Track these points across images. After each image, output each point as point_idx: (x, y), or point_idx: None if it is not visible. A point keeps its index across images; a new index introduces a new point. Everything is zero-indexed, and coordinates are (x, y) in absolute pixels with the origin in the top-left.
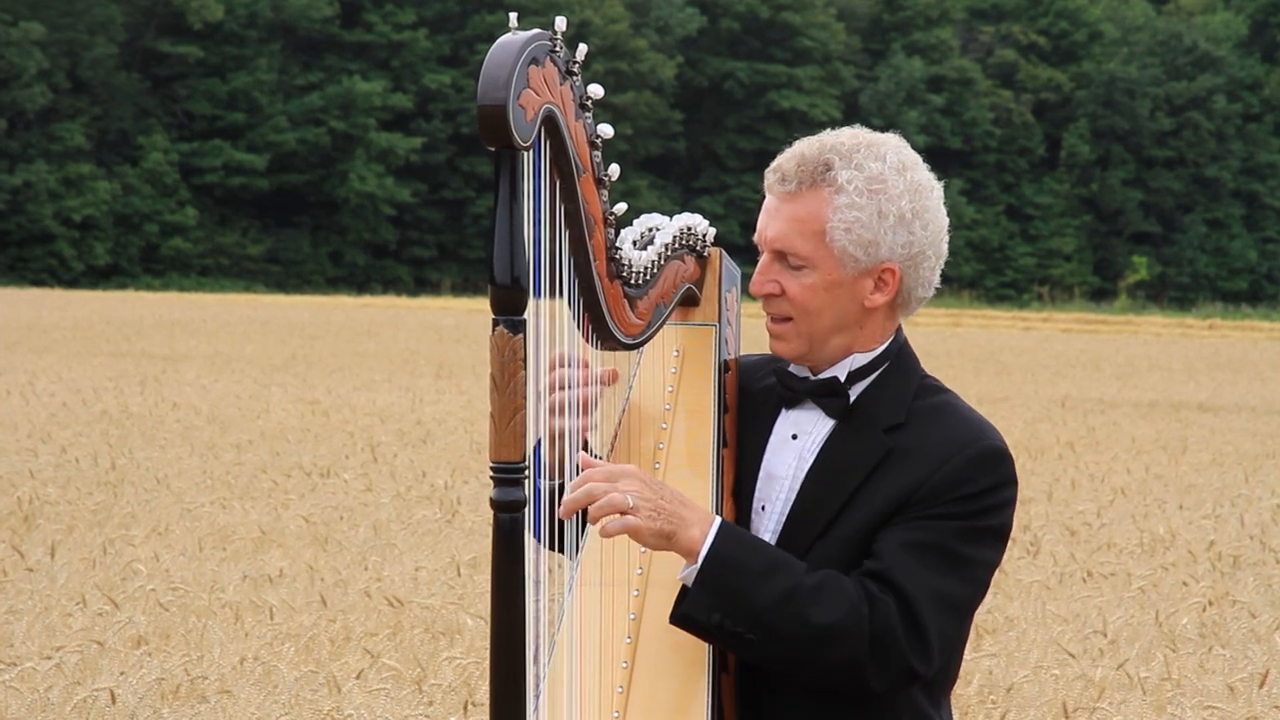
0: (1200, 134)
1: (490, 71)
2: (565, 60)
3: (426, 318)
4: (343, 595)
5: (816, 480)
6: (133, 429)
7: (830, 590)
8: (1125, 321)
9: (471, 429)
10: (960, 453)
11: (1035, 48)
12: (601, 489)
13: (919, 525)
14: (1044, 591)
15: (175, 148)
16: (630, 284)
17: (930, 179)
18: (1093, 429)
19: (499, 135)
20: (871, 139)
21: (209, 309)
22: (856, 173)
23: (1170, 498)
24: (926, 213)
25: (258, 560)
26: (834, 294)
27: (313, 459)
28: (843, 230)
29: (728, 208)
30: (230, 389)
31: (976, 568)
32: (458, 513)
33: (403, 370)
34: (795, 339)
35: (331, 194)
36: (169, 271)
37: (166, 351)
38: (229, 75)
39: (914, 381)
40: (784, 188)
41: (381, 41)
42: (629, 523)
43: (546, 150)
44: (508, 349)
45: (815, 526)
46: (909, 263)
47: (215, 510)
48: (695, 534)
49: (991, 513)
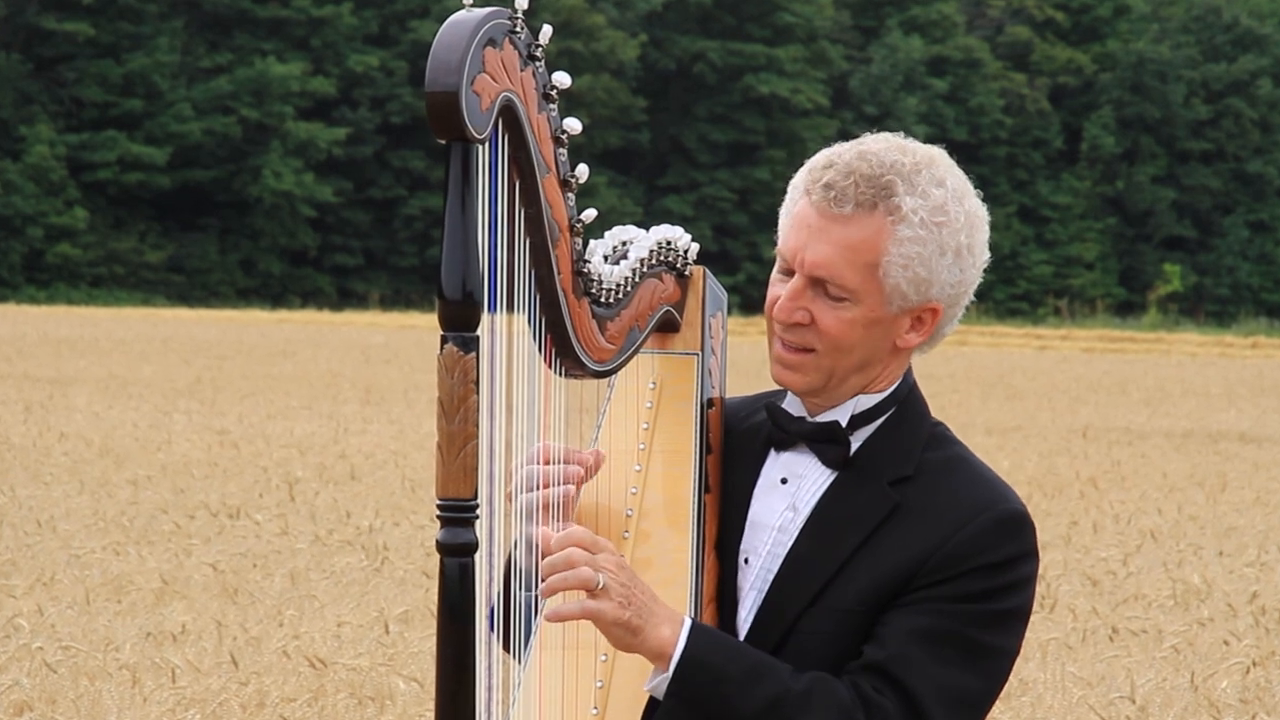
0: (1242, 123)
1: (440, 54)
2: (527, 43)
3: (352, 335)
4: (256, 655)
5: (810, 537)
6: (14, 462)
7: (820, 696)
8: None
9: (403, 463)
10: (978, 517)
11: (1052, 24)
12: (582, 557)
13: (931, 609)
14: (1063, 651)
15: (62, 139)
16: (600, 303)
17: (981, 208)
18: (1118, 463)
19: (450, 126)
20: (926, 156)
21: (101, 325)
22: (922, 201)
23: (1207, 542)
24: (977, 247)
25: (158, 614)
26: (871, 331)
27: (221, 498)
28: (900, 266)
29: (698, 209)
30: (126, 417)
31: (996, 658)
32: (387, 560)
33: (324, 396)
34: (813, 373)
35: (242, 193)
36: (55, 282)
37: (53, 374)
38: (124, 56)
39: (924, 429)
40: (836, 208)
41: (299, 18)
42: (589, 607)
43: (504, 144)
44: (458, 370)
45: (805, 593)
46: (952, 301)
47: (108, 557)
48: (666, 633)
49: (1012, 591)
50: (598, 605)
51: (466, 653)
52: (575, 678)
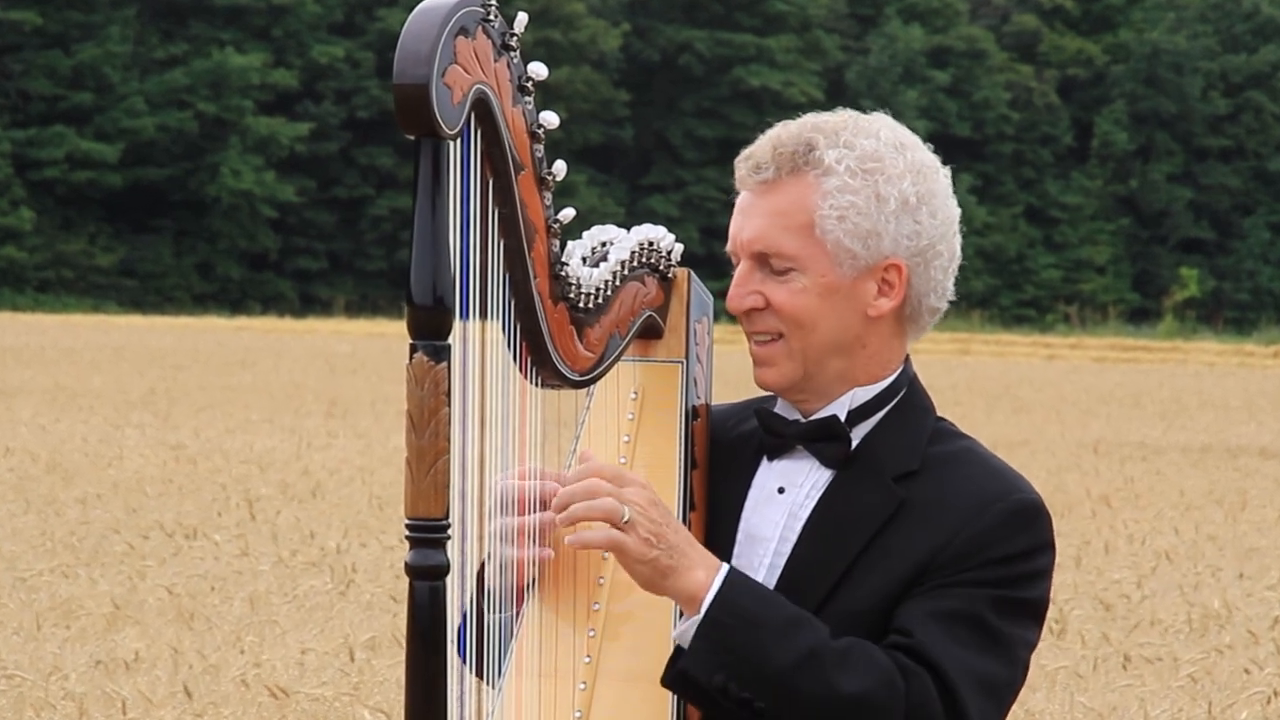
0: (1263, 118)
1: (409, 44)
2: (501, 32)
3: (315, 344)
4: (213, 684)
5: (813, 541)
6: None
7: (859, 656)
8: (1171, 348)
9: (370, 480)
10: (990, 509)
11: (1061, 13)
12: (605, 488)
13: (947, 593)
14: (1073, 680)
15: (7, 135)
16: (578, 308)
17: (934, 160)
18: (1131, 480)
19: (419, 120)
20: (860, 117)
21: (49, 333)
22: (846, 151)
23: (1226, 564)
24: (934, 198)
25: (109, 641)
26: (830, 301)
27: (176, 517)
28: (835, 219)
29: (684, 209)
30: (75, 430)
31: (1016, 646)
32: (353, 582)
33: (286, 408)
34: (786, 361)
35: (199, 192)
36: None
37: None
38: (73, 47)
39: (928, 422)
40: (759, 176)
41: (259, 6)
42: (615, 538)
43: (477, 140)
44: (428, 381)
45: (812, 598)
46: (917, 259)
47: (56, 580)
48: (700, 576)
49: (1028, 582)
50: (622, 538)
51: (436, 682)
52: (554, 709)
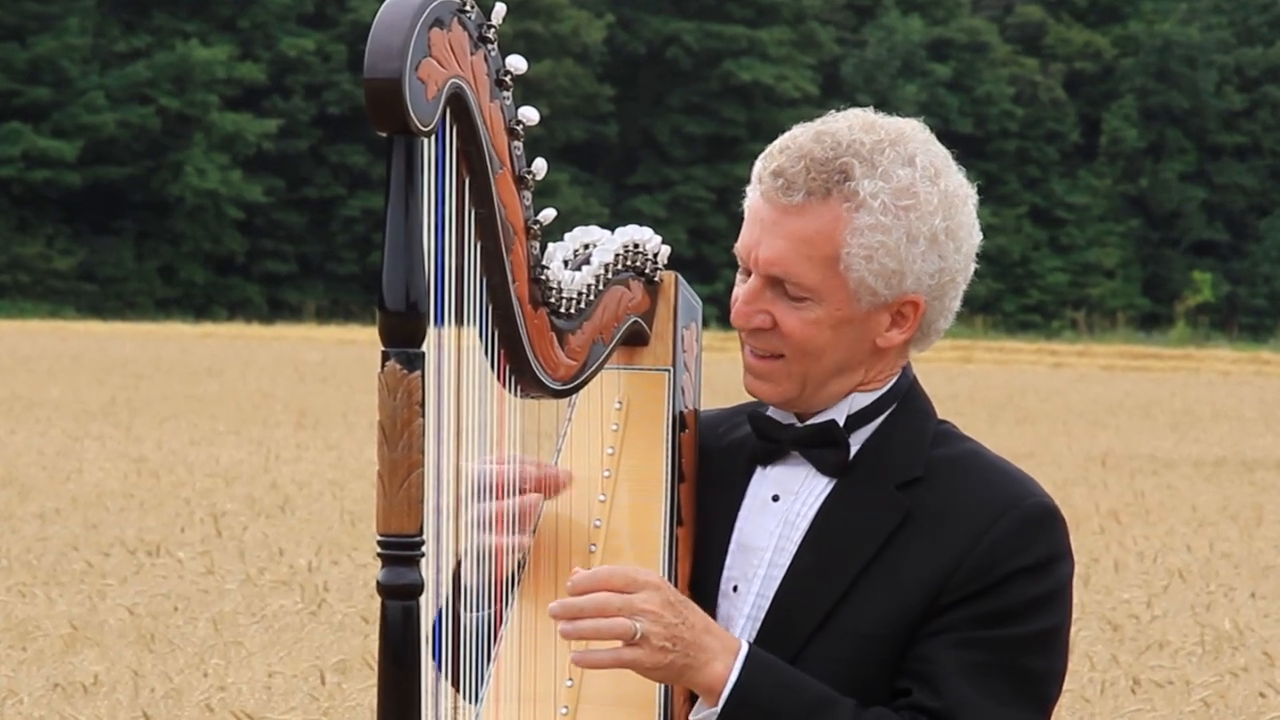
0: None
1: (380, 36)
2: (478, 23)
3: (284, 351)
4: (175, 708)
5: (814, 552)
6: None
7: None
8: (1184, 356)
9: (342, 494)
10: (1003, 516)
11: (1067, 3)
12: (615, 603)
13: (975, 640)
14: (1080, 704)
15: None
16: (560, 313)
17: (963, 184)
18: (1141, 494)
19: (392, 116)
20: (893, 132)
21: (3, 340)
22: (883, 184)
23: (1241, 583)
24: (960, 229)
25: (66, 663)
26: (841, 332)
27: (138, 533)
28: (862, 258)
29: (671, 210)
30: (32, 443)
31: (1049, 683)
32: (324, 602)
33: (254, 419)
34: (785, 380)
35: (162, 192)
36: None
37: None
38: (29, 39)
39: (929, 426)
40: (787, 199)
41: None
42: (625, 657)
43: (452, 137)
44: (401, 390)
45: (813, 615)
46: (935, 293)
47: (12, 599)
48: (718, 669)
49: (1053, 604)
50: (634, 655)
51: (410, 706)
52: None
